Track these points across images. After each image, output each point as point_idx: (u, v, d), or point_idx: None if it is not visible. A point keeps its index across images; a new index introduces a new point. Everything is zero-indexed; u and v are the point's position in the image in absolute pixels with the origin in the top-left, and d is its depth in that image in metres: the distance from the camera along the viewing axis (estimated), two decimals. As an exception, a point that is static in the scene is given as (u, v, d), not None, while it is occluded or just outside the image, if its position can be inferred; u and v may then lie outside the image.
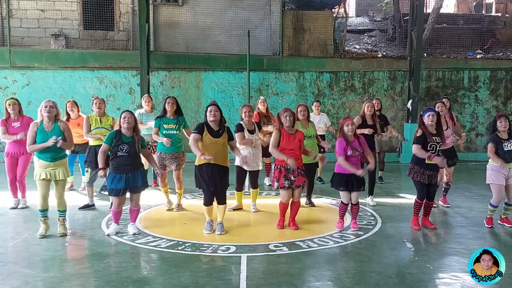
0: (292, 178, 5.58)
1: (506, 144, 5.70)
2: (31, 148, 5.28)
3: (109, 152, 5.33)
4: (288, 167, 5.56)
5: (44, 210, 5.40)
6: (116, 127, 5.54)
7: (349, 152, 5.49)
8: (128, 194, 5.45)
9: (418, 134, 5.56)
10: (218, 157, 5.34)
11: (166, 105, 6.35)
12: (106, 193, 6.01)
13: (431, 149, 5.53)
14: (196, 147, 5.23)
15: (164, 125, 6.30)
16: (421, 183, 5.65)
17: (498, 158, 5.66)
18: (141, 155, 5.50)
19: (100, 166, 5.32)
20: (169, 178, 6.71)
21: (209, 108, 5.39)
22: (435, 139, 5.54)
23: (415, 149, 5.54)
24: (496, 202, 5.82)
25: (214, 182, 5.36)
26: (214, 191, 5.43)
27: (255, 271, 4.43)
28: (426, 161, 5.54)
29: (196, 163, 5.44)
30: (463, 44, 14.11)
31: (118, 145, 5.25)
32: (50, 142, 5.13)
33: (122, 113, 5.38)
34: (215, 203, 5.58)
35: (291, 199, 5.75)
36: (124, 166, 5.28)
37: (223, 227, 5.58)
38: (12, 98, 6.59)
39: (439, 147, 5.56)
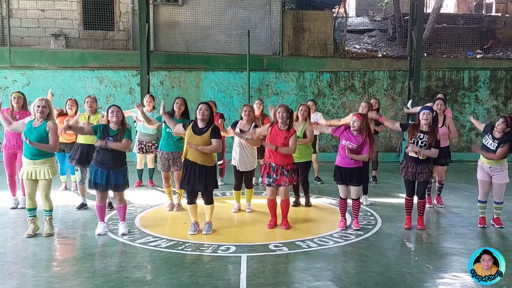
0: (274, 176, 5.61)
1: (488, 139, 5.78)
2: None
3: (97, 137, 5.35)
4: (273, 165, 5.61)
5: (31, 210, 5.38)
6: (102, 121, 5.50)
7: (343, 142, 5.54)
8: (111, 193, 5.50)
9: (411, 122, 5.73)
10: (198, 154, 5.32)
11: (174, 105, 6.35)
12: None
13: (412, 142, 5.58)
14: (181, 131, 5.60)
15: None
16: (406, 179, 5.75)
17: (482, 151, 5.89)
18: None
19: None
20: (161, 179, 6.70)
21: (199, 106, 5.42)
22: (420, 136, 5.53)
23: (393, 124, 5.98)
24: (480, 197, 6.00)
25: (194, 180, 5.34)
26: (192, 189, 5.42)
27: (255, 271, 4.43)
28: (409, 153, 5.63)
29: (183, 157, 5.50)
30: (463, 44, 14.09)
31: (103, 139, 5.23)
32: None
33: (109, 108, 5.37)
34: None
35: (279, 197, 5.78)
36: (106, 163, 5.26)
37: (210, 227, 5.58)
38: (18, 92, 6.66)
39: (423, 144, 5.52)
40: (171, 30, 12.58)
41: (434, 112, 5.71)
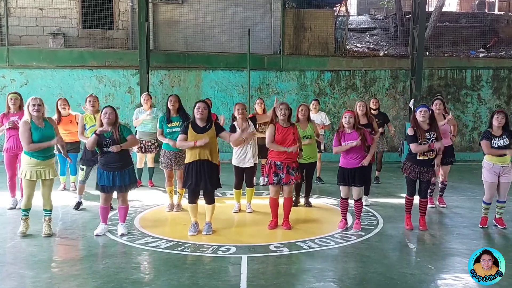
0: (281, 175, 5.58)
1: (495, 141, 5.69)
2: (32, 147, 5.15)
3: (97, 149, 5.31)
4: (278, 164, 5.60)
5: (27, 210, 5.39)
6: (98, 123, 5.43)
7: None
8: (115, 194, 5.46)
9: (410, 134, 5.58)
10: (203, 152, 5.29)
11: (168, 103, 6.34)
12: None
13: (423, 144, 5.51)
14: (185, 143, 5.32)
15: (167, 124, 6.27)
16: (410, 178, 5.69)
17: (494, 150, 5.65)
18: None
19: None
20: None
21: (197, 105, 5.39)
22: (427, 135, 5.50)
23: (414, 147, 5.54)
24: (487, 199, 5.89)
25: (199, 179, 5.30)
26: (197, 188, 5.37)
27: (256, 272, 4.40)
28: (418, 157, 5.56)
29: (186, 161, 5.44)
30: (466, 43, 14.02)
31: (102, 141, 5.22)
32: (53, 142, 5.29)
33: (103, 109, 5.34)
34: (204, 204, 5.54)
35: (282, 195, 5.75)
36: (112, 164, 5.24)
37: (210, 227, 5.54)
38: (15, 93, 6.61)
39: (433, 141, 5.50)
40: (170, 29, 12.53)
41: (431, 110, 5.70)
